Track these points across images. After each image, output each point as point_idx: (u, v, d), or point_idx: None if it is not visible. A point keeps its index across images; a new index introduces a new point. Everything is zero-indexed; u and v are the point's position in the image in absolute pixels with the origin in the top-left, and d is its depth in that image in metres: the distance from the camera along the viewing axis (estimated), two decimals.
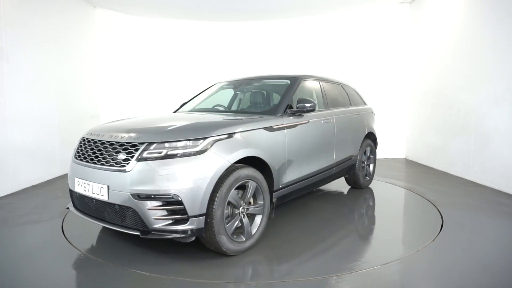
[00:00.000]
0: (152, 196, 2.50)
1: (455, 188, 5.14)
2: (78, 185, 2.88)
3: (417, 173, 6.39)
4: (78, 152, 3.02)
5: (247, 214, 2.97)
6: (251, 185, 2.93)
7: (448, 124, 6.26)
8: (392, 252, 3.06)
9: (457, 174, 5.96)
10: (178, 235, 2.55)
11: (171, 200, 2.51)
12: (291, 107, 3.62)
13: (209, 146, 2.64)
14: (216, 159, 2.64)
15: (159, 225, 2.53)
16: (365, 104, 5.44)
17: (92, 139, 2.92)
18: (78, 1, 6.74)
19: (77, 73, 6.72)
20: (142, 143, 2.61)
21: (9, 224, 3.67)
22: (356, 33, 8.22)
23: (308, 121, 3.74)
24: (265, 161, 3.09)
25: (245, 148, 2.88)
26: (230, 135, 2.81)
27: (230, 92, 4.52)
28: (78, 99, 6.75)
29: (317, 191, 5.02)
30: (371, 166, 5.35)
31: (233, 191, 2.76)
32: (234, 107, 4.31)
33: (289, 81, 3.94)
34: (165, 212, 2.54)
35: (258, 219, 3.06)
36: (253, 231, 3.00)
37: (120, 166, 2.61)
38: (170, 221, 2.54)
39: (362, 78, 8.03)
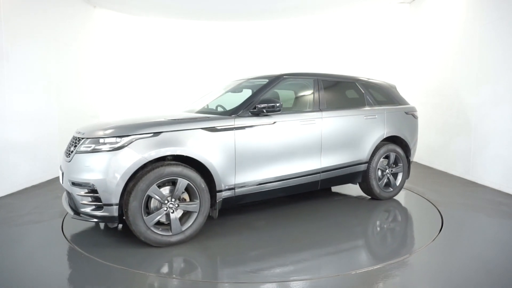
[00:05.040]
0: (79, 183, 2.95)
1: (455, 188, 5.14)
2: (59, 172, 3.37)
3: (417, 173, 6.38)
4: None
5: (184, 211, 3.16)
6: (180, 183, 3.05)
7: (448, 124, 6.26)
8: (392, 252, 3.07)
9: (457, 174, 5.96)
10: (97, 220, 2.97)
11: (90, 188, 2.90)
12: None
13: (127, 144, 2.91)
14: (132, 155, 2.90)
15: (84, 209, 2.95)
16: (396, 103, 4.76)
17: (73, 136, 3.33)
18: (78, 1, 6.74)
19: (77, 73, 6.71)
20: (82, 139, 3.03)
21: (9, 224, 3.67)
22: (356, 33, 8.22)
23: (274, 122, 3.60)
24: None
25: (172, 146, 3.03)
26: (156, 134, 3.01)
27: (226, 93, 4.50)
28: (78, 99, 6.74)
29: (333, 197, 4.95)
30: (399, 176, 4.62)
31: (154, 186, 2.96)
32: (223, 107, 4.19)
33: (267, 81, 3.86)
34: (89, 199, 2.93)
35: (193, 217, 3.16)
36: (185, 227, 3.11)
37: (68, 157, 3.12)
38: (93, 207, 2.93)
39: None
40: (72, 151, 3.09)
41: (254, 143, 3.48)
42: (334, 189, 5.09)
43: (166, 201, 3.04)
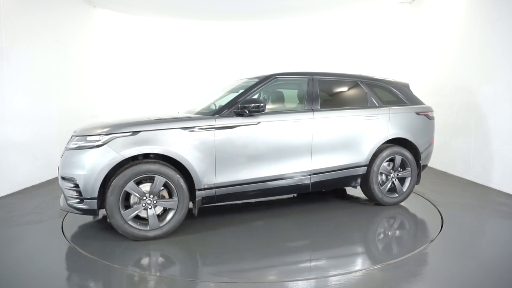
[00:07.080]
0: (66, 178, 3.15)
1: (455, 188, 5.14)
2: None
3: None
4: None
5: (164, 208, 3.26)
6: (158, 180, 3.15)
7: (448, 124, 6.26)
8: (392, 252, 3.07)
9: (457, 174, 5.96)
10: (79, 212, 3.17)
11: (74, 182, 3.10)
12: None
13: (107, 142, 3.08)
14: (109, 153, 3.07)
15: (70, 201, 3.16)
16: (407, 103, 4.44)
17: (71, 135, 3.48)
18: (78, 1, 6.74)
19: (77, 73, 6.71)
20: (72, 136, 3.26)
21: (9, 224, 3.67)
22: (356, 33, 8.22)
23: (258, 123, 3.55)
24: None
25: (149, 145, 3.16)
26: (135, 133, 3.15)
27: (228, 92, 4.50)
28: (78, 99, 6.74)
29: (336, 198, 4.90)
30: (407, 181, 4.31)
31: (131, 183, 3.10)
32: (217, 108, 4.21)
33: (257, 81, 3.85)
34: (74, 193, 3.12)
35: (170, 213, 3.25)
36: (162, 223, 3.22)
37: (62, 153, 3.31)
38: (77, 200, 3.12)
39: None
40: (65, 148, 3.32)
41: (236, 143, 3.48)
42: (349, 192, 4.97)
43: (144, 197, 3.15)
